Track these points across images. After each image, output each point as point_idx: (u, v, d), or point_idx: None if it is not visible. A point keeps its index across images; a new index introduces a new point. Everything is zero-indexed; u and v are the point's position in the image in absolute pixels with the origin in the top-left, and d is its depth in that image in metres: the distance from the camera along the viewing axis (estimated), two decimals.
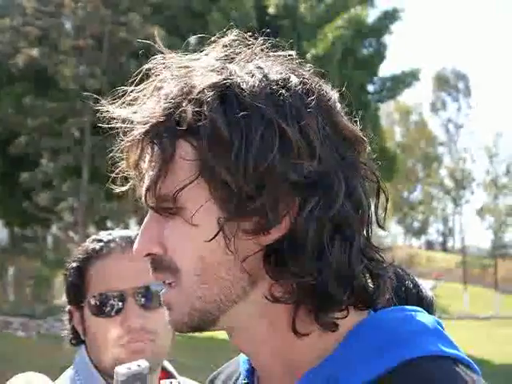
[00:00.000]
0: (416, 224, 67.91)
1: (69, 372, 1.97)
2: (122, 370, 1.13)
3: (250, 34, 1.14)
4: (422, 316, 1.09)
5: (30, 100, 21.45)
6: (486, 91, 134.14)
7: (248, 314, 1.06)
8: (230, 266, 1.03)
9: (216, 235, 1.00)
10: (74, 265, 1.97)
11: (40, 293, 25.39)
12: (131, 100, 1.09)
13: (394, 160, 26.01)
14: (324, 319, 1.03)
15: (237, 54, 1.09)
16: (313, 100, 1.04)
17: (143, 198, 1.07)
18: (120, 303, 1.90)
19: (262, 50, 1.11)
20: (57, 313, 23.80)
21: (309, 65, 1.13)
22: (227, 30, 1.13)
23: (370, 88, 26.39)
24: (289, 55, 1.11)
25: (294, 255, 1.01)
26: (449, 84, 63.18)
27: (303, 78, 1.07)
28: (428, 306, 1.89)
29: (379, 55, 25.88)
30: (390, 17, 25.69)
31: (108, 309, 1.90)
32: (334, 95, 1.09)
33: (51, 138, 21.33)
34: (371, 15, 30.05)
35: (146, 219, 1.08)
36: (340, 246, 1.02)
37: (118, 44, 21.23)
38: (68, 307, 2.02)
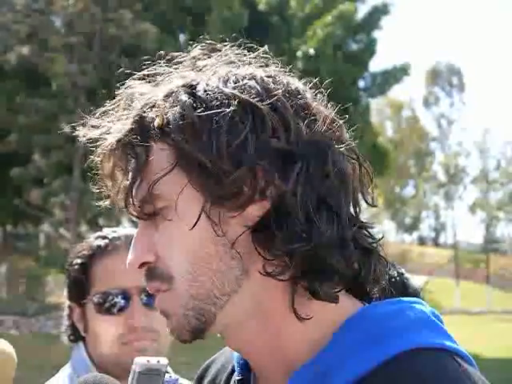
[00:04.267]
0: (408, 220, 68.04)
1: (66, 370, 1.96)
2: (141, 361, 1.12)
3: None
4: (418, 308, 1.08)
5: (21, 98, 21.37)
6: (478, 86, 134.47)
7: (244, 307, 1.06)
8: (221, 255, 1.03)
9: (199, 218, 1.01)
10: (79, 261, 1.97)
11: (32, 291, 25.32)
12: (100, 120, 1.11)
13: (386, 155, 26.05)
14: (323, 291, 1.03)
15: (204, 66, 1.12)
16: (280, 85, 1.07)
17: (125, 209, 1.09)
18: (124, 301, 1.90)
19: (230, 59, 1.13)
20: (49, 311, 23.76)
21: (274, 62, 1.15)
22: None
23: (361, 83, 26.41)
24: (263, 54, 1.15)
25: (281, 226, 1.01)
26: (442, 78, 63.21)
27: (267, 71, 1.10)
28: (415, 295, 1.90)
29: (369, 50, 25.89)
30: (379, 11, 25.71)
31: (112, 306, 1.90)
32: (300, 84, 1.11)
33: (42, 135, 21.25)
34: (361, 10, 30.07)
35: (135, 232, 1.10)
36: (327, 215, 1.03)
37: (109, 41, 21.16)
38: (68, 303, 2.02)
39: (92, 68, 21.15)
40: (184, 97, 1.04)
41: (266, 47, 1.16)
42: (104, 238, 1.98)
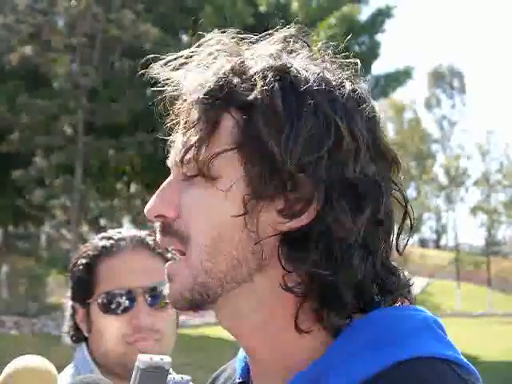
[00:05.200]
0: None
1: (69, 370, 1.96)
2: (144, 358, 1.12)
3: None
4: (419, 315, 1.07)
5: (22, 98, 21.38)
6: (480, 88, 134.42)
7: (248, 300, 1.05)
8: (243, 245, 1.02)
9: (243, 212, 0.99)
10: (83, 261, 1.97)
11: (33, 291, 25.35)
12: (182, 64, 1.08)
13: None
14: (327, 320, 1.02)
15: (293, 50, 1.09)
16: (364, 108, 1.04)
17: (172, 161, 1.07)
18: (129, 301, 1.91)
19: (318, 51, 1.11)
20: (50, 311, 23.77)
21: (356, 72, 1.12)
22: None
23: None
24: (352, 65, 1.11)
25: (316, 247, 0.99)
26: (444, 81, 63.19)
27: (356, 86, 1.07)
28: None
29: (372, 53, 25.89)
30: (383, 14, 25.71)
31: (117, 306, 1.91)
32: (379, 112, 1.08)
33: (44, 135, 21.27)
34: (364, 12, 30.11)
35: (164, 183, 1.08)
36: (364, 254, 1.01)
37: (110, 42, 21.17)
38: (71, 303, 2.02)
39: (93, 68, 21.16)
40: (275, 81, 1.00)
41: (358, 62, 1.12)
42: (109, 238, 1.99)
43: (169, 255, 1.78)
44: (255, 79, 1.01)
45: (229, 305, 1.06)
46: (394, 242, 1.09)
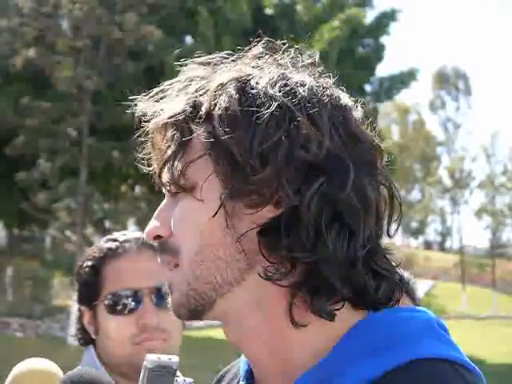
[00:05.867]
0: (414, 224, 67.95)
1: None
2: (152, 358, 1.13)
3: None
4: (423, 317, 1.07)
5: (27, 100, 21.43)
6: (484, 90, 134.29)
7: (244, 301, 1.07)
8: (228, 246, 1.06)
9: (218, 210, 1.04)
10: (89, 263, 2.00)
11: (38, 294, 25.39)
12: (159, 97, 1.16)
13: (392, 160, 25.94)
14: (318, 306, 1.02)
15: (262, 64, 1.15)
16: (326, 99, 1.08)
17: (158, 179, 1.13)
18: (136, 302, 1.93)
19: (284, 62, 1.15)
20: (55, 314, 23.80)
21: (321, 69, 1.17)
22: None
23: (368, 88, 26.40)
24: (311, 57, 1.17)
25: (288, 233, 1.02)
26: (449, 82, 63.10)
27: (319, 80, 1.12)
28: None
29: (377, 55, 25.90)
30: (387, 17, 25.71)
31: (124, 307, 1.93)
32: (350, 102, 1.12)
33: (48, 138, 21.31)
34: (369, 15, 30.14)
35: (161, 203, 1.15)
36: (338, 233, 1.02)
37: (115, 44, 21.21)
38: (78, 306, 2.04)
39: (98, 72, 21.19)
40: (233, 89, 1.07)
41: (317, 57, 1.18)
42: (114, 240, 2.02)
43: None
44: (216, 91, 1.08)
45: (228, 311, 1.08)
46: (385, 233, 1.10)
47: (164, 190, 1.14)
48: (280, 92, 1.06)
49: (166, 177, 1.11)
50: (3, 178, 23.71)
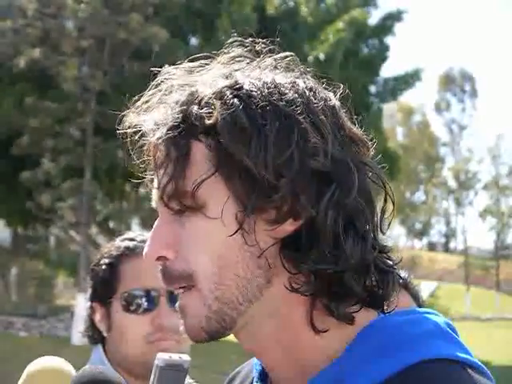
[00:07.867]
0: (418, 225, 67.83)
1: None
2: (163, 356, 1.12)
3: (250, 39, 1.17)
4: (432, 319, 1.08)
5: (31, 100, 21.45)
6: (490, 92, 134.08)
7: (261, 315, 1.06)
8: (248, 263, 1.03)
9: (238, 230, 1.01)
10: (106, 261, 2.01)
11: (42, 293, 25.41)
12: (139, 108, 1.11)
13: (396, 161, 26.00)
14: (339, 310, 1.03)
15: (241, 67, 1.12)
16: (320, 101, 1.07)
17: (158, 199, 1.08)
18: (152, 301, 1.94)
19: (265, 61, 1.13)
20: (59, 313, 23.83)
21: (310, 69, 1.16)
22: (231, 33, 1.16)
23: (372, 89, 26.39)
24: (290, 56, 1.15)
25: (311, 244, 1.01)
26: (455, 84, 63.00)
27: (308, 83, 1.10)
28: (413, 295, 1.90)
29: (381, 56, 25.89)
30: (393, 18, 25.71)
31: (139, 306, 1.94)
32: (336, 100, 1.11)
33: (53, 138, 21.33)
34: (374, 16, 30.13)
35: (156, 222, 1.08)
36: (353, 239, 1.03)
37: (120, 45, 21.22)
38: (89, 303, 2.05)
39: (102, 72, 21.20)
40: (236, 100, 1.03)
41: (296, 58, 1.16)
42: (132, 240, 2.03)
43: None
44: (213, 101, 1.04)
45: (246, 325, 1.07)
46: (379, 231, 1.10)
47: (160, 207, 1.08)
48: (281, 101, 1.04)
49: (165, 195, 1.05)
50: (7, 177, 23.73)
